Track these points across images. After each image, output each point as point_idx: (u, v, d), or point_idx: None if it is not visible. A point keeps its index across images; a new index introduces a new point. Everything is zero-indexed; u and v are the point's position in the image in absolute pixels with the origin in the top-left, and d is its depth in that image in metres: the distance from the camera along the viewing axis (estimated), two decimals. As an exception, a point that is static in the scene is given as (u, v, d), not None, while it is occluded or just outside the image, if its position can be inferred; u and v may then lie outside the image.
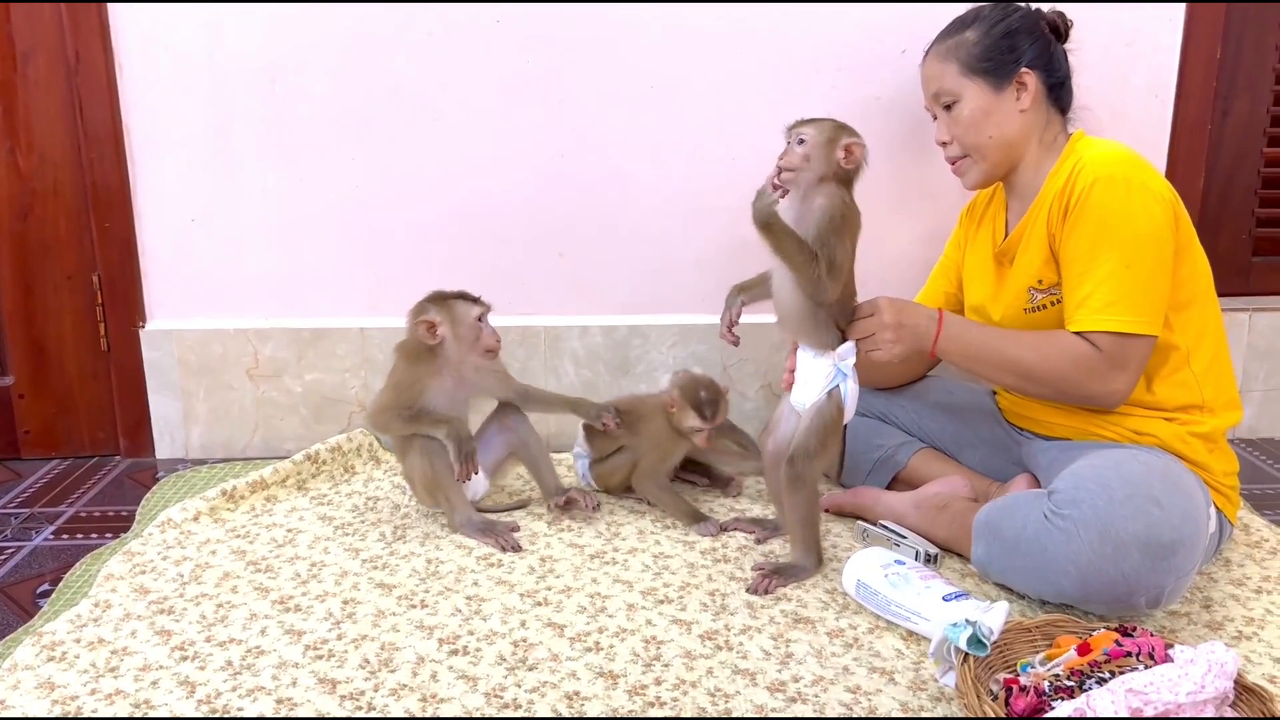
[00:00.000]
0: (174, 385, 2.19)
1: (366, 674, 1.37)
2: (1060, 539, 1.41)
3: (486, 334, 1.78)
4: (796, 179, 1.54)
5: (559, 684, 1.35)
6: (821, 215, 1.52)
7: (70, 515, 1.94)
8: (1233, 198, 2.31)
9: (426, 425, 1.77)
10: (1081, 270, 1.54)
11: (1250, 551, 1.74)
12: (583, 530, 1.82)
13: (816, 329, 1.58)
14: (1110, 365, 1.53)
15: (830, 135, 1.54)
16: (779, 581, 1.60)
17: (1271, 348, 2.30)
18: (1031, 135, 1.67)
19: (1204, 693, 1.11)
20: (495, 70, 2.08)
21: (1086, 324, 1.53)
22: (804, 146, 1.53)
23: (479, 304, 1.79)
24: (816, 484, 1.62)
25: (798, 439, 1.60)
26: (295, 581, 1.62)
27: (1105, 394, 1.56)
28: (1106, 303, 1.51)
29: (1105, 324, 1.51)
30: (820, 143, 1.53)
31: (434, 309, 1.76)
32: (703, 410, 1.78)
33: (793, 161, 1.53)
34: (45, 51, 2.04)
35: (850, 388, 1.59)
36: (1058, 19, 1.70)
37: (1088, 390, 1.56)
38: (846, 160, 1.53)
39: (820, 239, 1.51)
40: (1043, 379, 1.58)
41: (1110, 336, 1.51)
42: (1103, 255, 1.52)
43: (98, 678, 1.36)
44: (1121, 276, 1.51)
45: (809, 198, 1.55)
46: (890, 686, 1.35)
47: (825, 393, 1.58)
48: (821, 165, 1.53)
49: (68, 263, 2.14)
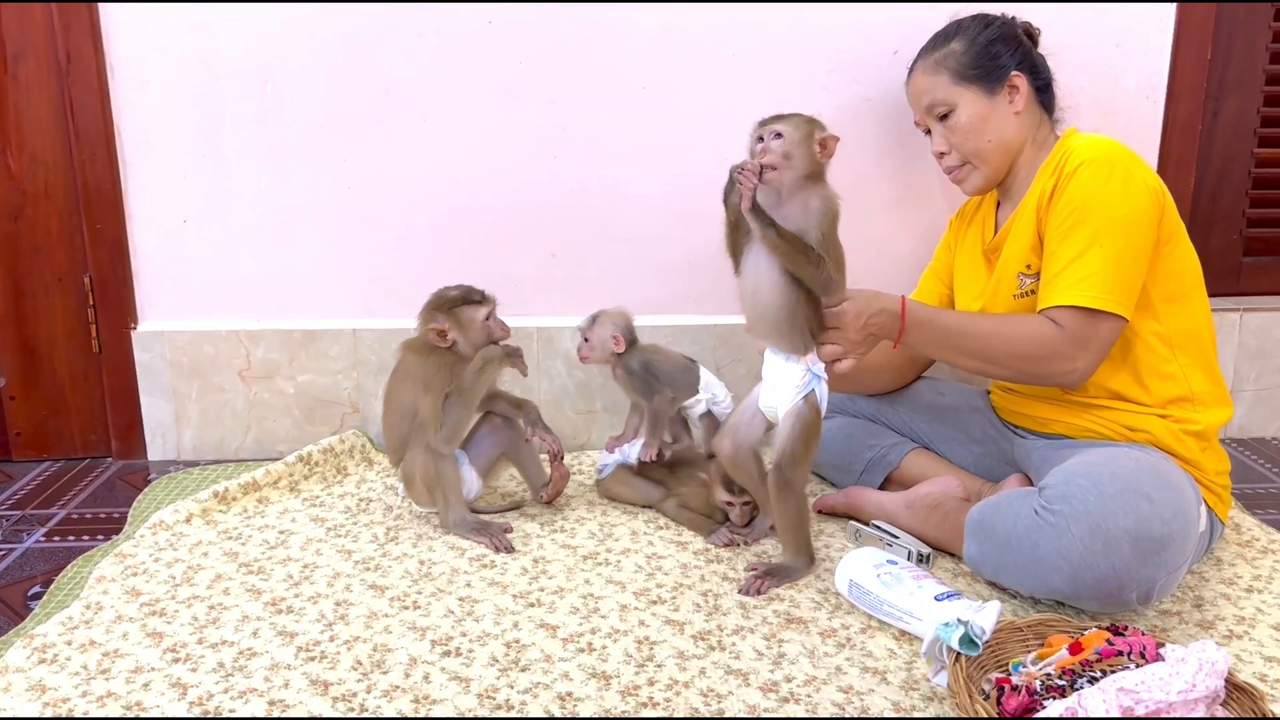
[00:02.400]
0: (166, 387, 2.18)
1: (359, 675, 1.37)
2: (1051, 535, 1.42)
3: (496, 329, 1.82)
4: (779, 176, 1.51)
5: (551, 685, 1.35)
6: (822, 216, 1.51)
7: (62, 517, 1.93)
8: (1223, 198, 2.31)
9: (478, 381, 1.77)
10: (1055, 248, 1.56)
11: (1241, 551, 1.74)
12: (576, 531, 1.82)
13: (791, 333, 1.55)
14: (1072, 343, 1.53)
15: (807, 131, 1.52)
16: (771, 583, 1.60)
17: (1262, 348, 2.31)
18: (1027, 136, 1.70)
19: (1195, 691, 1.12)
20: (487, 72, 2.08)
21: (1053, 299, 1.54)
22: (781, 143, 1.51)
23: (484, 302, 1.81)
24: (804, 487, 1.62)
25: (781, 446, 1.59)
26: (287, 583, 1.62)
27: (1065, 372, 1.56)
28: (1076, 280, 1.52)
29: (1072, 299, 1.52)
30: (799, 139, 1.51)
31: (442, 317, 1.78)
32: (731, 487, 1.76)
33: (774, 159, 1.50)
34: (36, 53, 2.03)
35: (823, 390, 1.59)
36: (1029, 26, 1.75)
37: (1047, 368, 1.56)
38: (823, 154, 1.53)
39: (825, 240, 1.50)
40: (1003, 361, 1.59)
41: (1074, 312, 1.52)
42: (1078, 233, 1.53)
43: (89, 680, 1.36)
44: (1093, 254, 1.51)
45: (797, 198, 1.53)
46: (882, 686, 1.35)
47: (801, 397, 1.58)
48: (803, 162, 1.52)
49: (59, 264, 2.13)
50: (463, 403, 1.77)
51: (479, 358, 1.78)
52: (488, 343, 1.81)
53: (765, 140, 1.53)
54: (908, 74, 1.78)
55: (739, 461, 1.68)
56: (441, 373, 1.77)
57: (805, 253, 1.48)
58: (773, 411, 1.63)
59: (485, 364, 1.78)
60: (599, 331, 1.89)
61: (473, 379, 1.77)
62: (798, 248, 1.48)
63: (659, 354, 1.93)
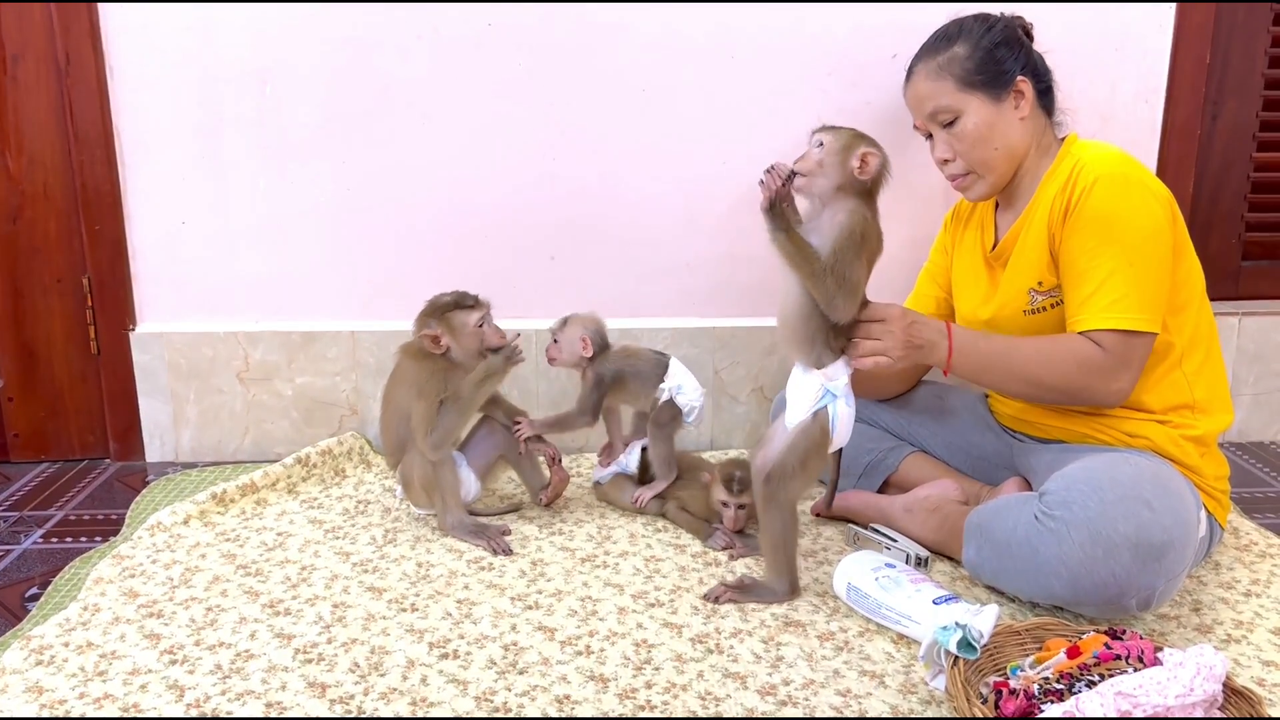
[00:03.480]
0: (164, 388, 2.18)
1: (356, 678, 1.37)
2: (1051, 540, 1.42)
3: (490, 335, 1.80)
4: (810, 184, 1.48)
5: (549, 688, 1.35)
6: (841, 231, 1.45)
7: (59, 519, 1.93)
8: (1222, 202, 2.31)
9: (476, 392, 1.77)
10: (1083, 269, 1.54)
11: (1239, 555, 1.74)
12: (574, 534, 1.82)
13: (807, 343, 1.51)
14: (1116, 364, 1.52)
15: (846, 143, 1.47)
16: (738, 596, 1.57)
17: (1260, 352, 2.31)
18: (1032, 141, 1.67)
19: (1192, 695, 1.12)
20: (486, 74, 2.08)
21: (1091, 323, 1.52)
22: (820, 151, 1.48)
23: (476, 307, 1.79)
24: (794, 506, 1.56)
25: (777, 457, 1.53)
26: (285, 585, 1.62)
27: (1110, 393, 1.55)
28: (1111, 301, 1.51)
29: (1111, 322, 1.51)
30: (835, 149, 1.47)
31: (434, 322, 1.77)
32: (731, 486, 1.76)
33: (807, 166, 1.47)
34: (35, 53, 2.03)
35: (840, 410, 1.52)
36: (1025, 24, 1.71)
37: (1094, 390, 1.55)
38: (861, 170, 1.46)
39: (835, 254, 1.44)
40: (1050, 384, 1.57)
41: (1115, 335, 1.51)
42: (1105, 254, 1.51)
43: (86, 681, 1.35)
44: (1125, 274, 1.50)
45: (829, 209, 1.48)
46: (880, 690, 1.35)
47: (811, 413, 1.52)
48: (835, 173, 1.47)
49: (58, 265, 2.13)
50: (458, 410, 1.77)
51: (481, 369, 1.77)
52: (481, 348, 1.79)
53: (810, 146, 1.50)
54: (906, 77, 1.73)
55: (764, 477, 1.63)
56: (435, 378, 1.76)
57: (809, 262, 1.44)
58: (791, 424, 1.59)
59: (488, 376, 1.77)
60: (568, 333, 1.88)
61: (472, 390, 1.77)
62: (805, 256, 1.44)
63: (633, 357, 1.89)
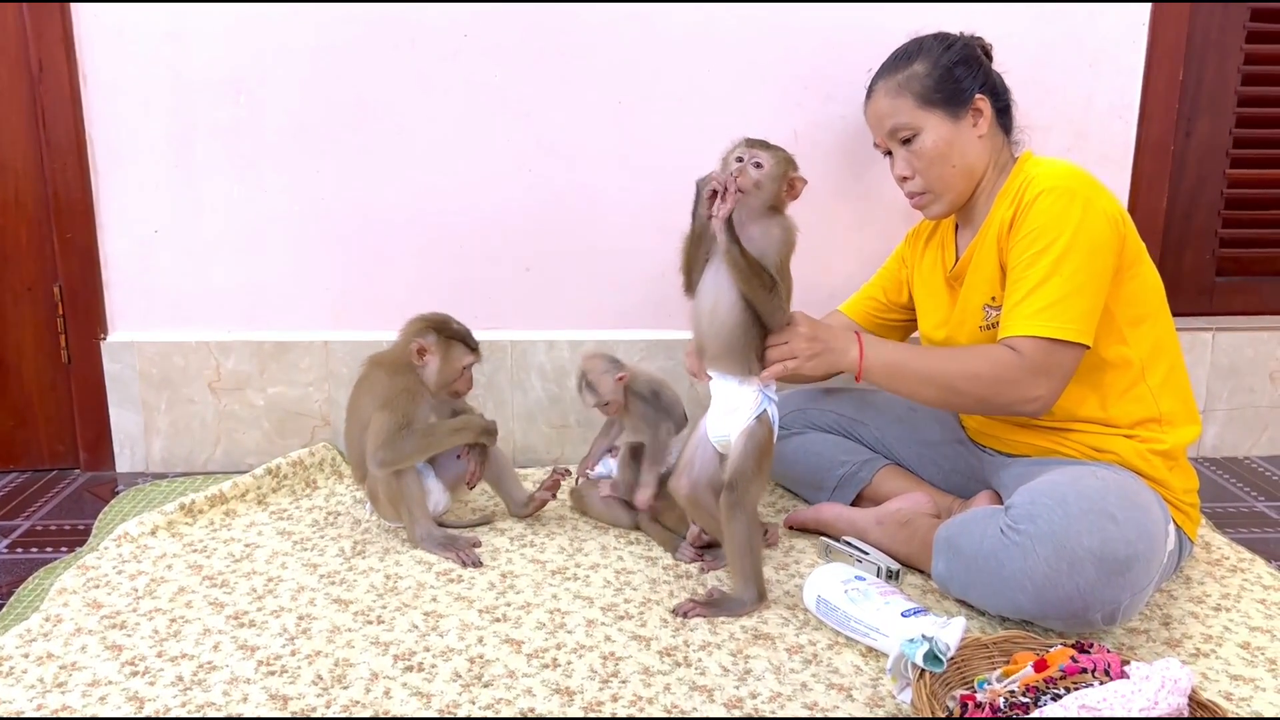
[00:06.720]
0: (135, 398, 2.16)
1: (319, 690, 1.35)
2: (1016, 554, 1.41)
3: (464, 381, 1.82)
4: (746, 201, 1.51)
5: (514, 700, 1.34)
6: (780, 245, 1.53)
7: (26, 529, 1.91)
8: (1196, 218, 2.33)
9: (446, 438, 1.78)
10: (1017, 278, 1.55)
11: (1210, 569, 1.75)
12: (545, 545, 1.81)
13: (742, 354, 1.56)
14: (1032, 372, 1.52)
15: (784, 169, 1.54)
16: (706, 611, 1.56)
17: (1234, 367, 2.31)
18: (990, 159, 1.68)
19: (1157, 709, 1.11)
20: (462, 84, 2.07)
21: (1013, 329, 1.53)
22: (760, 172, 1.51)
23: (474, 353, 1.81)
24: (756, 509, 1.58)
25: (734, 464, 1.56)
26: (250, 596, 1.60)
27: (1026, 401, 1.54)
28: (1037, 309, 1.51)
29: (1032, 329, 1.51)
30: (776, 175, 1.53)
31: (434, 338, 1.77)
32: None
33: (746, 185, 1.50)
34: (7, 60, 2.02)
35: (774, 411, 1.60)
36: (984, 43, 1.72)
37: (1007, 398, 1.55)
38: (789, 194, 1.55)
39: (780, 266, 1.52)
40: (964, 390, 1.58)
41: (1036, 342, 1.51)
42: (1039, 263, 1.52)
43: (44, 693, 1.34)
44: (1054, 284, 1.51)
45: (759, 224, 1.53)
46: (848, 703, 1.34)
47: (754, 418, 1.57)
48: (769, 194, 1.53)
49: (28, 273, 2.11)
50: (421, 446, 1.76)
51: (462, 421, 1.79)
52: (452, 384, 1.80)
53: (745, 161, 1.52)
54: (867, 95, 1.75)
55: (698, 499, 1.64)
56: (402, 396, 1.75)
57: (760, 276, 1.50)
58: (723, 440, 1.61)
59: (464, 430, 1.79)
60: (603, 382, 1.83)
61: (445, 433, 1.77)
62: (755, 270, 1.49)
63: (648, 378, 1.90)
